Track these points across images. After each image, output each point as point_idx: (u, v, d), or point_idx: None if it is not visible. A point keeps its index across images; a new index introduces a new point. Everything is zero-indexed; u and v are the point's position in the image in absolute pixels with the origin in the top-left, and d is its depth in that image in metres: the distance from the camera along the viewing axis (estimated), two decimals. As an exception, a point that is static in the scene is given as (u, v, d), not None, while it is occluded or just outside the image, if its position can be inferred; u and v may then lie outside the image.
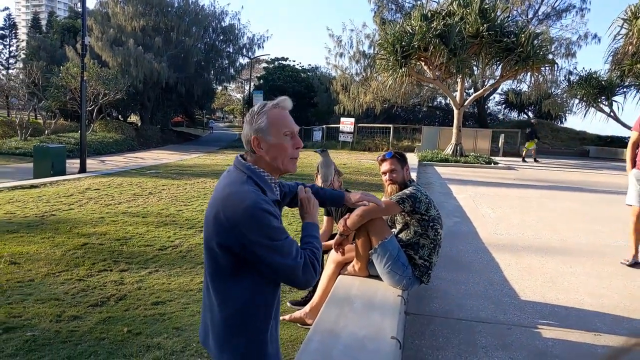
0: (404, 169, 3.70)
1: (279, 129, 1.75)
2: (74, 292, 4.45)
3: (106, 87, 26.77)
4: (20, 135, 23.30)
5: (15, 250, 5.61)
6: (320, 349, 2.60)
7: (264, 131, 1.74)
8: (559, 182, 14.14)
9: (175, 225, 7.27)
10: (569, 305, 4.42)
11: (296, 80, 41.85)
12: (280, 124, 1.75)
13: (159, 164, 17.74)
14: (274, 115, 1.75)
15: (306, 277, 1.68)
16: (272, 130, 1.74)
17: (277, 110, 1.77)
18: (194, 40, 38.24)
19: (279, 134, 1.75)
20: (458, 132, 20.69)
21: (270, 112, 1.76)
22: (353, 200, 2.51)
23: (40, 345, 3.39)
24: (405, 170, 3.71)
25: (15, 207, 8.22)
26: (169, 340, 3.54)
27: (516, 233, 7.32)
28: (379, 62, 19.86)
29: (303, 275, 1.66)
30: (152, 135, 35.29)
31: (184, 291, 4.56)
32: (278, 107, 1.78)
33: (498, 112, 42.42)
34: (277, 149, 1.75)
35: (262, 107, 1.78)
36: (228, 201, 1.64)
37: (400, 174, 3.67)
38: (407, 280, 3.49)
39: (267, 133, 1.74)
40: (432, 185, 12.36)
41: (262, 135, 1.74)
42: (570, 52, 29.37)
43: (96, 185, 11.08)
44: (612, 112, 24.36)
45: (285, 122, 1.77)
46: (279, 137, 1.75)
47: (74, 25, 40.68)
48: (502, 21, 18.77)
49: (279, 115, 1.76)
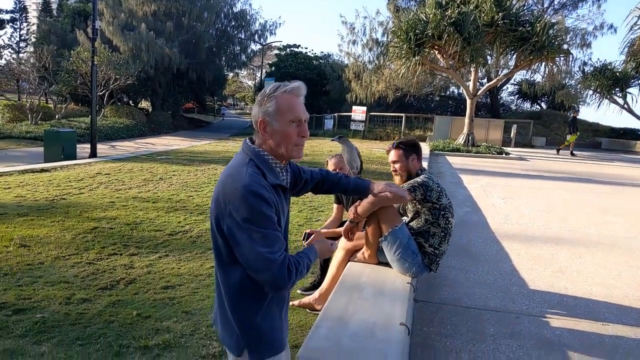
0: (408, 160, 3.63)
1: (286, 116, 1.72)
2: (84, 275, 4.48)
3: (117, 72, 26.78)
4: (31, 120, 23.41)
5: (25, 234, 5.66)
6: (329, 335, 2.59)
7: (270, 115, 1.72)
8: (570, 173, 14.01)
9: (186, 210, 7.29)
10: (577, 295, 4.40)
11: (308, 68, 41.63)
12: (287, 111, 1.72)
13: (169, 150, 17.79)
14: (283, 101, 1.72)
15: (278, 275, 1.60)
16: (278, 116, 1.72)
17: (287, 96, 1.74)
18: (205, 25, 38.04)
19: (285, 121, 1.72)
20: (470, 122, 20.52)
21: (281, 97, 1.73)
22: (376, 190, 2.47)
23: (50, 327, 3.42)
24: (411, 160, 3.64)
25: (26, 190, 8.28)
26: (178, 324, 3.55)
27: (526, 223, 7.27)
28: (392, 50, 19.66)
29: (278, 271, 1.59)
30: (163, 121, 35.35)
31: (193, 276, 4.58)
32: (290, 92, 1.74)
33: (511, 103, 41.98)
34: (281, 135, 1.73)
35: (274, 90, 1.75)
36: (226, 182, 1.66)
37: (403, 164, 3.63)
38: (416, 268, 3.48)
39: (273, 118, 1.72)
40: (443, 175, 12.30)
41: (269, 119, 1.73)
42: (585, 42, 28.95)
43: (107, 170, 11.13)
44: (626, 104, 24.05)
45: (294, 109, 1.73)
46: (284, 123, 1.72)
47: (85, 9, 40.59)
48: (517, 10, 18.49)
49: (289, 101, 1.73)
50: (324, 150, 17.83)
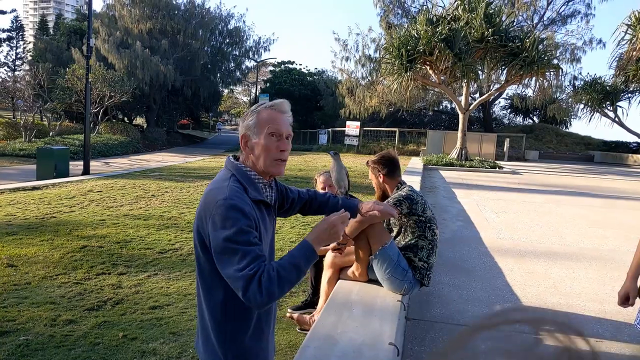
0: (378, 177, 3.68)
1: (264, 129, 1.71)
2: (71, 295, 4.41)
3: (112, 89, 26.83)
4: (25, 137, 23.35)
5: (13, 253, 5.59)
6: (317, 355, 2.54)
7: (250, 129, 1.74)
8: (563, 187, 14.03)
9: (177, 228, 7.24)
10: (571, 310, 4.35)
11: (302, 84, 41.87)
12: (267, 124, 1.72)
13: (163, 167, 17.74)
14: (263, 115, 1.73)
15: (249, 294, 1.51)
16: (257, 129, 1.73)
17: (269, 111, 1.74)
18: (200, 43, 38.26)
19: (264, 134, 1.72)
20: (463, 137, 20.60)
21: (262, 112, 1.74)
22: (364, 210, 2.40)
23: (33, 350, 3.35)
24: (381, 177, 3.67)
25: (16, 209, 8.21)
26: (165, 346, 3.49)
27: (520, 238, 7.24)
28: (385, 66, 19.79)
29: (246, 290, 1.50)
30: (158, 137, 35.36)
31: (182, 295, 4.52)
32: (271, 108, 1.75)
33: (503, 117, 42.23)
34: (260, 149, 1.72)
35: (257, 106, 1.77)
36: (207, 197, 1.65)
37: (376, 181, 3.71)
38: (407, 284, 3.44)
39: (253, 132, 1.73)
40: (436, 189, 12.29)
41: (250, 133, 1.74)
42: (575, 57, 29.26)
43: (99, 187, 11.07)
44: (617, 117, 24.25)
45: (274, 122, 1.73)
46: (262, 136, 1.72)
47: (81, 27, 40.73)
48: (507, 26, 18.70)
49: (270, 115, 1.73)
50: (317, 165, 17.82)
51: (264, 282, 1.51)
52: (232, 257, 1.54)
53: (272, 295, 1.52)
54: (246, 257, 1.53)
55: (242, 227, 1.56)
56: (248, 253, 1.54)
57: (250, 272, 1.51)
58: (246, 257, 1.53)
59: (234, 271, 1.53)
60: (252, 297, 1.51)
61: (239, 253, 1.53)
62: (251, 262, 1.53)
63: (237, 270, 1.52)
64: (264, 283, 1.51)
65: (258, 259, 1.56)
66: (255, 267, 1.53)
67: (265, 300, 1.52)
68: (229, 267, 1.54)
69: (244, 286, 1.51)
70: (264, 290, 1.50)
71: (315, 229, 1.72)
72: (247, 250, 1.54)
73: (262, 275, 1.52)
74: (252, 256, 1.54)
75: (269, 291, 1.51)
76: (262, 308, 1.57)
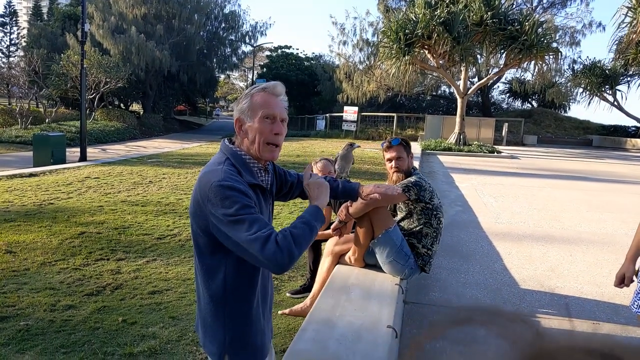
0: (409, 157, 3.62)
1: (258, 111, 1.70)
2: (70, 281, 4.41)
3: (107, 75, 26.64)
4: (21, 124, 23.22)
5: (11, 239, 5.58)
6: (316, 338, 2.56)
7: (244, 113, 1.72)
8: (561, 171, 14.05)
9: (175, 214, 7.23)
10: (568, 294, 4.38)
11: (299, 69, 41.63)
12: (260, 107, 1.70)
13: (160, 153, 17.70)
14: (257, 99, 1.72)
15: (268, 253, 1.50)
16: (251, 113, 1.71)
17: (262, 94, 1.73)
18: (195, 28, 37.91)
19: (257, 117, 1.70)
20: (461, 121, 20.57)
21: (256, 95, 1.73)
22: (365, 193, 2.43)
23: (34, 335, 3.36)
24: (410, 158, 3.63)
25: (14, 195, 8.19)
26: (165, 330, 3.50)
27: (518, 222, 7.26)
28: (383, 50, 19.68)
29: (263, 250, 1.49)
30: (155, 123, 35.19)
31: (181, 280, 4.53)
32: (264, 91, 1.73)
33: (502, 101, 42.10)
34: (254, 132, 1.71)
35: (251, 89, 1.76)
36: (202, 180, 1.65)
37: (405, 162, 3.58)
38: (408, 270, 3.44)
39: (247, 115, 1.72)
40: (435, 174, 12.29)
41: (243, 116, 1.73)
42: (574, 40, 29.09)
43: (96, 173, 11.04)
44: (616, 101, 24.22)
45: (267, 106, 1.71)
46: (257, 120, 1.70)
47: (75, 12, 40.29)
48: (506, 9, 18.57)
49: (263, 98, 1.72)
50: (315, 150, 17.80)
51: (281, 241, 1.52)
52: (240, 226, 1.53)
53: (292, 254, 1.53)
54: (255, 223, 1.54)
55: (243, 202, 1.56)
56: (256, 220, 1.55)
57: (264, 234, 1.51)
58: (255, 223, 1.54)
59: (246, 236, 1.52)
60: (272, 257, 1.50)
61: (247, 221, 1.53)
62: (262, 227, 1.54)
63: (250, 234, 1.51)
64: (280, 242, 1.52)
65: (267, 224, 1.58)
66: (267, 229, 1.54)
67: (287, 260, 1.52)
68: (239, 234, 1.53)
69: (261, 247, 1.50)
70: (284, 250, 1.51)
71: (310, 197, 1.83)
72: (255, 217, 1.55)
73: (277, 236, 1.53)
74: (261, 222, 1.55)
75: (289, 250, 1.52)
76: (283, 270, 1.55)
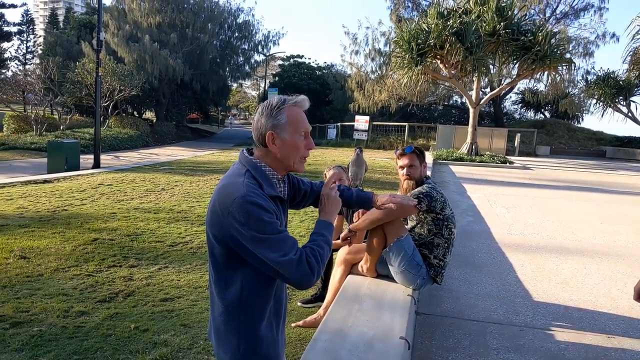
0: (422, 165, 3.60)
1: (297, 128, 1.72)
2: (83, 287, 4.44)
3: (121, 83, 26.89)
4: (36, 131, 23.47)
5: (25, 245, 5.63)
6: (328, 349, 2.54)
7: (280, 127, 1.70)
8: (575, 183, 13.93)
9: (187, 221, 7.26)
10: (583, 307, 4.33)
11: (311, 78, 41.78)
12: (298, 123, 1.72)
13: (172, 160, 17.80)
14: (292, 113, 1.72)
15: (299, 275, 1.59)
16: (289, 128, 1.71)
17: (295, 109, 1.74)
18: (209, 36, 38.20)
19: (295, 133, 1.72)
20: (473, 131, 20.50)
21: (290, 109, 1.72)
22: (380, 202, 2.44)
23: (47, 341, 3.38)
24: (423, 166, 3.62)
25: (28, 201, 8.27)
26: (177, 337, 3.51)
27: (531, 233, 7.20)
28: (395, 59, 19.72)
29: (296, 272, 1.58)
30: (167, 131, 35.41)
31: (193, 288, 4.54)
32: (296, 105, 1.75)
33: (514, 112, 41.95)
34: (290, 147, 1.72)
35: (282, 102, 1.73)
36: (222, 192, 1.65)
37: (418, 170, 3.57)
38: (420, 280, 3.42)
39: (284, 130, 1.70)
40: (446, 184, 12.24)
41: (279, 131, 1.70)
42: (588, 51, 28.91)
43: (109, 180, 11.13)
44: (630, 112, 24.02)
45: (303, 122, 1.74)
46: (295, 135, 1.72)
47: (91, 21, 40.85)
48: (519, 19, 18.55)
49: (298, 113, 1.74)
50: (327, 159, 17.81)
51: (312, 263, 1.62)
52: (269, 245, 1.57)
53: (319, 273, 1.65)
54: (283, 243, 1.59)
55: (266, 219, 1.58)
56: (284, 240, 1.60)
57: (296, 257, 1.59)
58: (283, 243, 1.59)
59: (275, 257, 1.57)
60: (303, 278, 1.61)
61: (275, 242, 1.58)
62: (292, 247, 1.61)
63: (280, 256, 1.57)
64: (312, 264, 1.62)
65: (295, 243, 1.63)
66: (298, 251, 1.62)
67: (315, 279, 1.64)
68: (268, 254, 1.57)
69: (294, 270, 1.58)
70: (314, 271, 1.62)
71: (319, 210, 1.89)
72: (282, 237, 1.60)
73: (308, 257, 1.62)
74: (290, 241, 1.62)
75: (318, 271, 1.64)
76: (308, 287, 1.68)
